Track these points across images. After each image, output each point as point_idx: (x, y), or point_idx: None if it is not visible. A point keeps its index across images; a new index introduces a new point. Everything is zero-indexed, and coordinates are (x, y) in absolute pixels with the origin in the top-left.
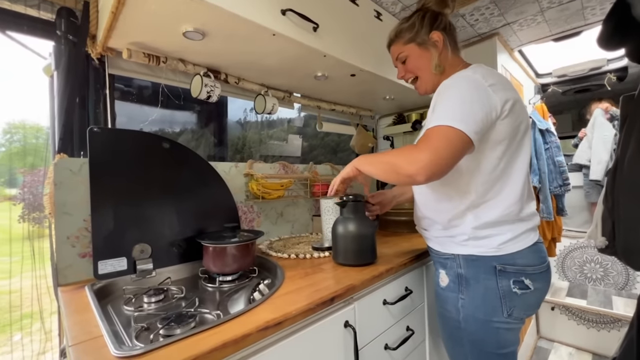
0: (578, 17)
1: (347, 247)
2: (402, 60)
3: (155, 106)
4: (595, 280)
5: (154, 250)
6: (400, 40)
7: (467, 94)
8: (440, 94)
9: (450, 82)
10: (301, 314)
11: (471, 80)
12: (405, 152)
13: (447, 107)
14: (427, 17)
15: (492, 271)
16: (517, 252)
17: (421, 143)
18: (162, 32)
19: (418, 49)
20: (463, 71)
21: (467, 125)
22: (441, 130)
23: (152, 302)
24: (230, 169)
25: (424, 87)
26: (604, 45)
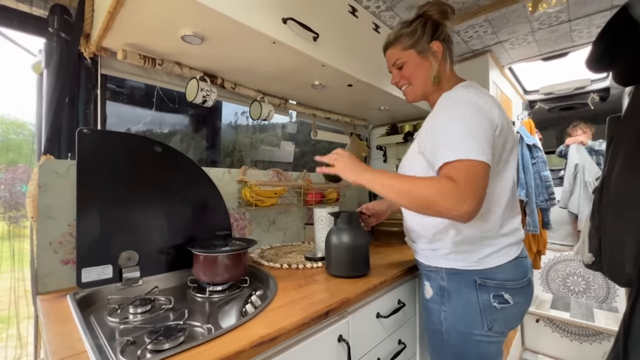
0: (566, 39)
1: (341, 258)
2: (399, 66)
3: (146, 107)
4: (578, 292)
5: (142, 258)
6: (399, 44)
7: (474, 119)
8: (444, 121)
9: (453, 106)
10: (296, 329)
11: (473, 105)
12: (445, 189)
13: (464, 137)
14: (428, 25)
15: (472, 285)
16: (497, 267)
17: (460, 180)
18: (160, 35)
19: (417, 56)
20: (459, 92)
21: (487, 155)
22: (468, 167)
23: (139, 313)
24: (223, 175)
25: (414, 95)
26: (593, 66)
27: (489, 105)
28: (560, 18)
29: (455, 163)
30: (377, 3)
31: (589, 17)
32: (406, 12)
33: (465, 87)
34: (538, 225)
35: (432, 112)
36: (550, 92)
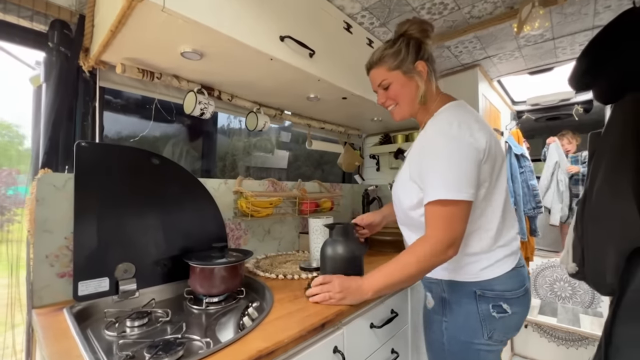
0: (550, 55)
1: (336, 269)
2: (384, 86)
3: (143, 118)
4: (565, 298)
5: (138, 270)
6: (384, 65)
7: (456, 156)
8: (429, 155)
9: (437, 142)
10: (293, 342)
11: (456, 140)
12: (425, 256)
13: (444, 175)
14: (411, 44)
15: (472, 296)
16: (495, 278)
17: (434, 230)
18: (160, 51)
19: (403, 77)
20: (449, 119)
21: (466, 193)
22: (445, 211)
23: (136, 326)
24: (219, 186)
25: (401, 114)
26: (575, 84)
27: (475, 132)
28: (545, 36)
29: (435, 206)
30: (371, 20)
31: (572, 35)
32: None
33: (455, 108)
34: (526, 232)
35: (422, 135)
36: (537, 103)
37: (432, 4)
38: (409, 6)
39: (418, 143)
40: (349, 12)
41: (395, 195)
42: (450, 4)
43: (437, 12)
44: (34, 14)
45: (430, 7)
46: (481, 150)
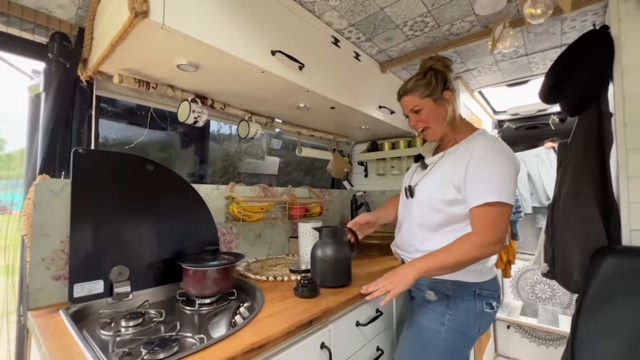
0: (525, 69)
1: (325, 270)
2: (416, 110)
3: (137, 125)
4: (545, 299)
5: (132, 272)
6: (416, 93)
7: (510, 169)
8: (480, 164)
9: (488, 155)
10: (282, 337)
11: (505, 154)
12: (472, 245)
13: (499, 182)
14: (439, 77)
15: (472, 294)
16: (489, 281)
17: (483, 229)
18: (157, 63)
19: (433, 104)
20: (490, 138)
21: (512, 198)
22: (500, 212)
23: (130, 326)
24: (211, 192)
25: (434, 136)
26: (544, 99)
27: (512, 152)
28: (519, 52)
29: (492, 206)
30: (358, 35)
31: (543, 52)
32: (384, 42)
33: (488, 133)
34: (507, 236)
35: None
36: (517, 113)
37: (414, 21)
38: (393, 23)
39: (460, 155)
40: (336, 28)
41: (426, 192)
42: (431, 22)
43: (418, 29)
44: (36, 26)
45: (413, 24)
46: (518, 166)
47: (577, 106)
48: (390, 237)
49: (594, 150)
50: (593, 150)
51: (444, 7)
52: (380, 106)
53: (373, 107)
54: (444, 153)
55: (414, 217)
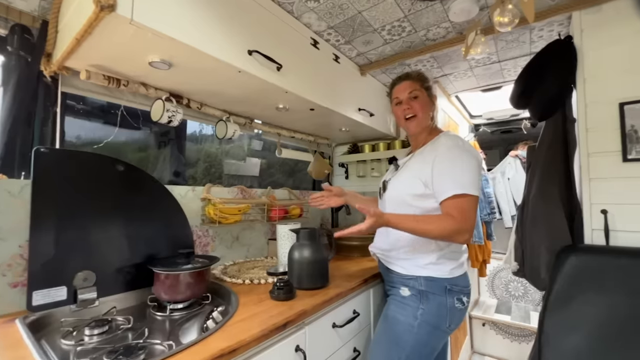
0: (498, 75)
1: (302, 272)
2: (414, 96)
3: (109, 124)
4: (518, 297)
5: (99, 278)
6: (419, 81)
7: (473, 163)
8: (446, 161)
9: (454, 152)
10: (255, 341)
11: (468, 152)
12: (448, 225)
13: (466, 176)
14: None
15: (444, 290)
16: (459, 276)
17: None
18: (127, 60)
19: (428, 97)
20: (455, 137)
21: (477, 191)
22: (468, 202)
23: (95, 334)
24: (186, 193)
25: (418, 126)
26: (514, 105)
27: (474, 149)
28: (492, 59)
29: (460, 197)
30: (337, 37)
31: (514, 59)
32: (363, 46)
33: (453, 133)
34: (483, 236)
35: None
36: (492, 117)
37: (391, 26)
38: (371, 27)
39: (426, 155)
40: (315, 30)
41: (396, 188)
42: (408, 27)
43: (396, 34)
44: None
45: (390, 29)
46: (481, 164)
47: (543, 112)
48: (370, 238)
49: (559, 154)
50: (558, 154)
51: (420, 13)
52: (360, 108)
53: (352, 110)
54: (414, 154)
55: (387, 212)
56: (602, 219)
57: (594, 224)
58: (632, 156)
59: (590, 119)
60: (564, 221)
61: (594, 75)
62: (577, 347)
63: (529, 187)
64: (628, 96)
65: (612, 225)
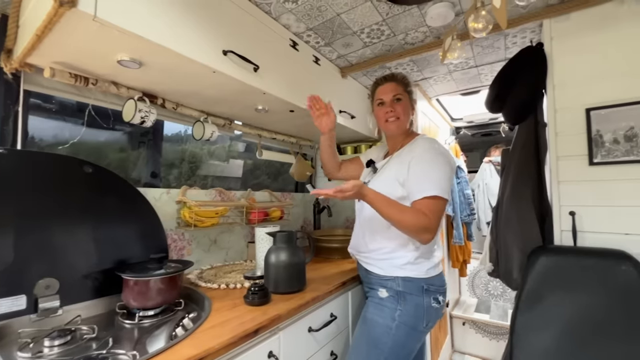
0: (476, 80)
1: (278, 275)
2: (397, 98)
3: (78, 124)
4: (497, 296)
5: (63, 285)
6: (403, 85)
7: (447, 168)
8: (421, 164)
9: (429, 155)
10: (224, 348)
11: (443, 155)
12: (420, 220)
13: (439, 179)
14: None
15: (420, 290)
16: (435, 276)
17: (431, 215)
18: (94, 58)
19: (409, 101)
20: (431, 142)
21: (448, 194)
22: (439, 205)
23: (56, 345)
24: (161, 196)
25: (400, 129)
26: (489, 109)
27: (450, 153)
28: (470, 64)
29: (432, 199)
30: (317, 39)
31: (490, 64)
32: (343, 48)
33: (429, 137)
34: (463, 237)
35: (406, 152)
36: (472, 120)
37: (370, 29)
38: (350, 30)
39: (404, 157)
40: (294, 31)
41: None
42: (387, 30)
43: (375, 37)
44: None
45: (369, 32)
46: (454, 166)
47: (516, 116)
48: (349, 240)
49: (531, 158)
50: (530, 158)
51: (398, 17)
52: (341, 111)
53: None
54: (392, 156)
55: (364, 215)
56: (571, 221)
57: (563, 225)
58: (598, 160)
59: (560, 124)
60: (535, 223)
61: (563, 82)
62: (545, 345)
63: (503, 189)
64: (594, 102)
65: (579, 226)
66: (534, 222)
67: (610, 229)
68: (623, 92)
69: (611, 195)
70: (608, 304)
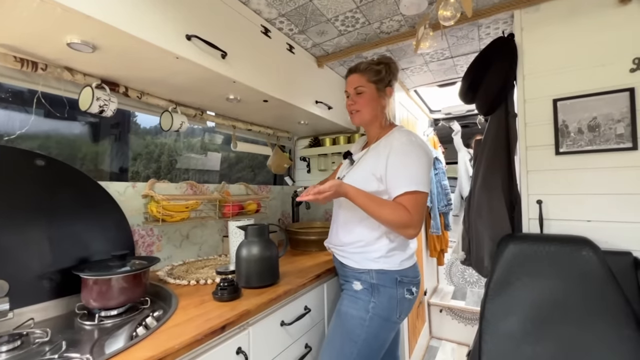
0: (452, 71)
1: (250, 270)
2: (359, 92)
3: (30, 113)
4: (472, 283)
5: (14, 287)
6: (365, 75)
7: (425, 161)
8: (399, 158)
9: (406, 148)
10: (186, 347)
11: (421, 148)
12: (402, 217)
13: (418, 173)
14: (389, 72)
15: (394, 282)
16: (409, 268)
17: (412, 210)
18: (40, 40)
19: (375, 92)
20: (408, 134)
21: (428, 187)
22: (420, 199)
23: (3, 351)
24: (125, 190)
25: (360, 120)
26: (462, 99)
27: (427, 144)
28: (445, 55)
29: (413, 194)
30: (290, 26)
31: (465, 55)
32: (318, 36)
33: (406, 129)
34: (440, 227)
35: (383, 144)
36: (450, 112)
37: (344, 16)
38: (324, 17)
39: (381, 150)
40: (266, 17)
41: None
42: (361, 18)
43: (350, 25)
44: None
45: (344, 19)
46: (432, 158)
47: (488, 106)
48: (328, 233)
49: (502, 148)
50: (501, 148)
51: (371, 5)
52: (317, 101)
53: (309, 102)
54: (369, 149)
55: (341, 208)
56: (538, 209)
57: (531, 213)
58: (563, 150)
59: (529, 114)
60: (505, 212)
61: (532, 72)
62: (512, 330)
63: (474, 178)
64: (560, 92)
65: (545, 214)
66: (503, 211)
67: (574, 217)
68: (587, 83)
69: (575, 183)
70: (569, 288)
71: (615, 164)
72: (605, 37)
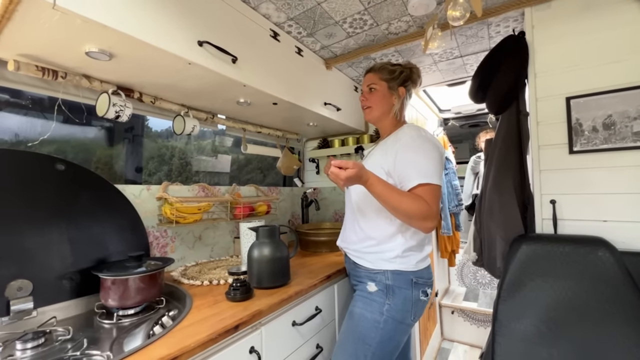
0: (462, 70)
1: (261, 270)
2: (371, 88)
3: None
4: (485, 284)
5: (37, 287)
6: (379, 74)
7: (436, 154)
8: (409, 152)
9: (416, 142)
10: (201, 346)
11: (430, 142)
12: (422, 207)
13: (430, 166)
14: (404, 74)
15: (410, 283)
16: (424, 269)
17: (431, 202)
18: (60, 49)
19: (387, 90)
20: (418, 130)
21: (440, 179)
22: (435, 190)
23: (29, 348)
24: (140, 192)
25: (370, 116)
26: (472, 99)
27: (436, 139)
28: (454, 54)
29: (426, 186)
30: (299, 29)
31: (475, 54)
32: (326, 39)
33: (416, 125)
34: (451, 227)
35: (392, 140)
36: (459, 111)
37: (352, 19)
38: (332, 19)
39: (389, 144)
40: (275, 21)
41: None
42: (369, 20)
43: (358, 27)
44: None
45: (352, 21)
46: (443, 152)
47: (499, 106)
48: (338, 233)
49: (513, 147)
50: (513, 147)
51: (379, 6)
52: (326, 103)
53: (318, 104)
54: (378, 144)
55: (352, 203)
56: (551, 209)
57: (544, 213)
58: (577, 148)
59: (541, 113)
60: (517, 212)
61: (544, 70)
62: (525, 332)
63: (486, 179)
64: (574, 90)
65: (559, 214)
66: (516, 211)
67: (589, 217)
68: (601, 80)
69: (590, 183)
70: (585, 289)
71: (633, 163)
72: (619, 33)
